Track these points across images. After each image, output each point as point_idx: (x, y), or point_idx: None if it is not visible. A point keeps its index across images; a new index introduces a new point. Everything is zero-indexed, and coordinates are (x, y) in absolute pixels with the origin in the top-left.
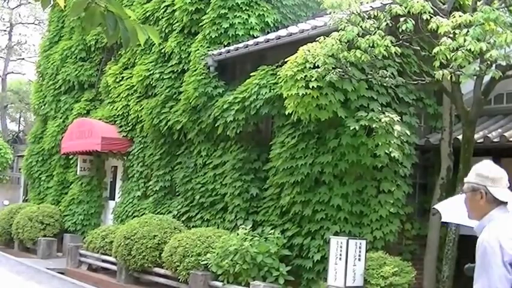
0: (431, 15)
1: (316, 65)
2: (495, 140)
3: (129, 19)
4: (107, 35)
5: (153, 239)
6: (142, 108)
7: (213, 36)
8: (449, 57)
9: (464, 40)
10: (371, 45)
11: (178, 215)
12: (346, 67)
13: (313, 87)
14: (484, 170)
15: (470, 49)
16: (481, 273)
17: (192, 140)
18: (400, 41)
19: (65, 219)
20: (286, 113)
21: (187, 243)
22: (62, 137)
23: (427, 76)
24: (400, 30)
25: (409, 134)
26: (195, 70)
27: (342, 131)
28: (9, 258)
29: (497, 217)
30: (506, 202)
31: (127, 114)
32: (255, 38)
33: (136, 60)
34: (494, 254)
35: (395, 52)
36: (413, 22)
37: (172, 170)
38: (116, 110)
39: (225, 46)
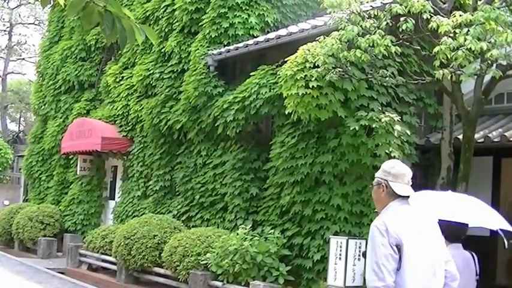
0: (432, 15)
1: (316, 64)
2: (496, 139)
3: (127, 19)
4: (104, 34)
5: (153, 239)
6: (142, 108)
7: (213, 36)
8: (449, 57)
9: (465, 39)
10: (371, 44)
11: (178, 215)
12: (346, 67)
13: (313, 86)
14: (388, 167)
15: (470, 48)
16: (371, 253)
17: (192, 139)
18: (401, 41)
19: (65, 219)
20: (286, 112)
21: (187, 243)
22: (62, 137)
23: (428, 76)
24: (400, 29)
25: (409, 133)
26: (195, 70)
27: (342, 130)
28: (10, 258)
29: (393, 207)
30: (407, 196)
31: (127, 114)
32: (255, 37)
33: (136, 60)
34: (381, 236)
35: (395, 52)
36: (414, 21)
37: (172, 169)
38: (116, 109)
39: (225, 46)
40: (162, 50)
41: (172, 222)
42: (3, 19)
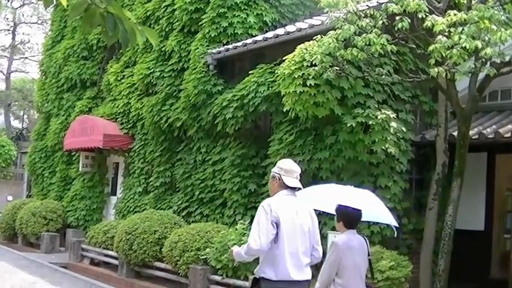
0: (427, 14)
1: (313, 63)
2: (490, 136)
3: (128, 20)
4: (106, 36)
5: (153, 234)
6: (143, 106)
7: (212, 35)
8: (444, 55)
9: (459, 38)
10: (367, 43)
11: (178, 211)
12: (343, 65)
13: (310, 85)
14: (282, 164)
15: (465, 47)
16: (255, 225)
17: (191, 136)
18: (396, 39)
19: (67, 214)
20: (284, 110)
21: (187, 238)
22: (65, 134)
23: (423, 74)
24: (396, 28)
25: (405, 130)
26: (195, 68)
27: (339, 127)
28: (13, 253)
29: (281, 195)
30: (295, 188)
31: (128, 111)
32: (254, 36)
33: (137, 59)
34: (265, 213)
35: (391, 50)
36: (409, 21)
37: (172, 166)
38: (117, 107)
39: (224, 45)
40: (163, 49)
41: (173, 218)
42: (7, 18)
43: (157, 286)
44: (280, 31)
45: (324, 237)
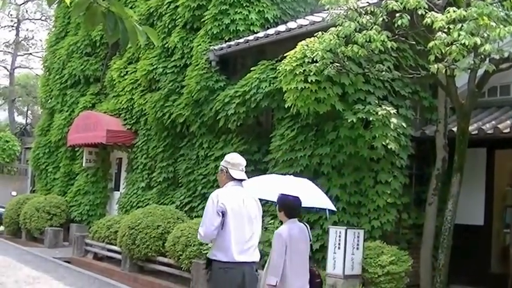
0: (426, 11)
1: (314, 59)
2: (489, 131)
3: (129, 19)
4: (107, 35)
5: (156, 229)
6: (146, 102)
7: (214, 32)
8: (444, 52)
9: (459, 35)
10: (368, 40)
11: (181, 206)
12: (344, 61)
13: (311, 81)
14: (228, 158)
15: (464, 43)
16: (204, 214)
17: (194, 132)
18: (396, 36)
19: (71, 209)
20: (286, 106)
21: (189, 233)
22: (68, 130)
23: (423, 70)
24: (396, 25)
25: (405, 126)
26: (197, 65)
27: (339, 123)
28: (17, 248)
29: (229, 186)
30: (241, 180)
31: (131, 107)
32: (255, 33)
33: (140, 55)
34: (212, 203)
35: (391, 47)
36: (409, 17)
37: (175, 161)
38: (120, 103)
39: (226, 41)
40: (166, 46)
41: (176, 213)
42: (11, 15)
43: (160, 281)
44: (281, 28)
45: (326, 232)
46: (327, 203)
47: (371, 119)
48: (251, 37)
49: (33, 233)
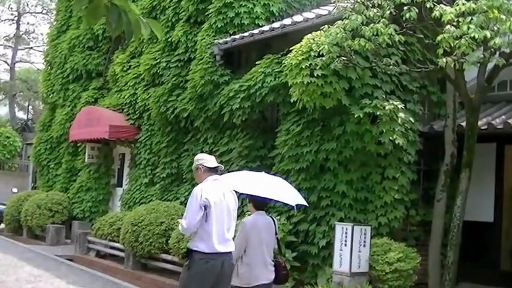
0: (435, 4)
1: (320, 53)
2: (499, 126)
3: (132, 12)
4: (110, 28)
5: (160, 226)
6: (150, 97)
7: (219, 26)
8: (452, 45)
9: (468, 28)
10: (375, 33)
11: (185, 202)
12: (351, 55)
13: (317, 75)
14: (199, 156)
15: (473, 37)
16: (188, 207)
17: (198, 127)
18: (404, 29)
19: (73, 206)
20: (292, 100)
21: None
22: (70, 125)
23: (431, 64)
24: (404, 18)
25: (413, 121)
26: (202, 59)
27: (346, 118)
28: (18, 245)
29: (208, 180)
30: (215, 168)
31: (134, 102)
32: (260, 27)
33: (143, 49)
34: (196, 197)
35: (399, 40)
36: (417, 10)
37: (179, 157)
38: (123, 98)
39: (230, 35)
40: (169, 40)
41: (180, 209)
42: (11, 8)
43: (164, 278)
44: (287, 21)
45: (332, 228)
46: (298, 199)
47: (378, 113)
48: (256, 31)
49: (35, 230)
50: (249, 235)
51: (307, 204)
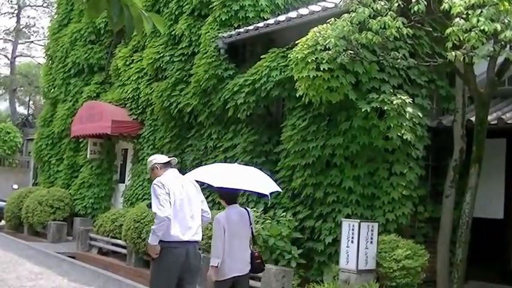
0: None
1: (327, 47)
2: (509, 121)
3: (134, 6)
4: (111, 22)
5: None
6: (153, 91)
7: (223, 19)
8: (462, 38)
9: (478, 21)
10: (382, 26)
11: None
12: (358, 49)
13: (324, 69)
14: (151, 158)
15: (483, 30)
16: (154, 199)
17: (202, 122)
18: (412, 22)
19: (75, 202)
20: (297, 95)
21: None
22: (72, 120)
23: (440, 57)
24: (412, 11)
25: (421, 116)
26: (206, 53)
27: (353, 113)
28: (19, 243)
29: (165, 173)
30: (168, 162)
31: (137, 97)
32: (266, 20)
33: (146, 43)
34: (160, 188)
35: (407, 33)
36: (426, 3)
37: (182, 152)
38: (126, 92)
39: (235, 28)
40: (172, 33)
41: None
42: (11, 1)
43: None
44: (292, 14)
45: (338, 225)
46: (272, 187)
47: (386, 108)
48: (261, 24)
49: (36, 227)
50: (225, 229)
51: (280, 190)
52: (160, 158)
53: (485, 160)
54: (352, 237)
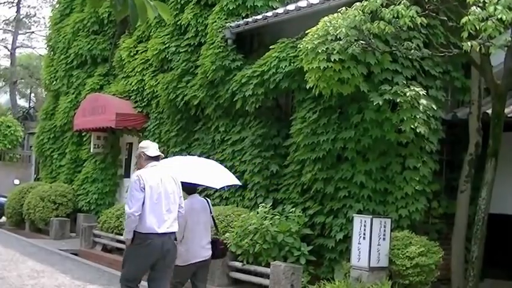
0: None
1: (338, 37)
2: None
3: None
4: (115, 10)
5: None
6: (158, 83)
7: (230, 8)
8: (478, 28)
9: (495, 9)
10: (395, 16)
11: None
12: (370, 39)
13: (335, 60)
14: (142, 144)
15: (501, 18)
16: (129, 193)
17: (209, 115)
18: (426, 11)
19: (78, 198)
20: (307, 87)
21: None
22: (75, 114)
23: (455, 48)
24: None
25: (435, 108)
26: (213, 43)
27: (365, 105)
28: (20, 240)
29: (148, 167)
30: (156, 157)
31: (142, 89)
32: (275, 9)
33: (151, 33)
34: (135, 182)
35: (421, 23)
36: None
37: (189, 146)
38: (130, 85)
39: (243, 18)
40: (178, 23)
41: None
42: None
43: None
44: (302, 3)
45: (350, 221)
46: (228, 181)
47: (398, 100)
48: (270, 13)
49: (38, 224)
50: (188, 217)
51: (240, 183)
52: (150, 150)
53: (502, 154)
54: (364, 234)
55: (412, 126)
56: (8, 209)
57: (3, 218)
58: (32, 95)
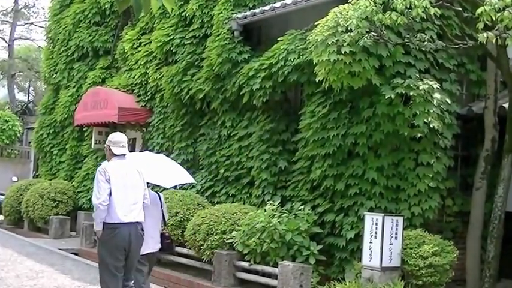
0: None
1: (348, 28)
2: None
3: None
4: (117, 1)
5: (174, 216)
6: (162, 76)
7: None
8: (494, 19)
9: None
10: (408, 6)
11: (201, 190)
12: (381, 31)
13: (345, 52)
14: (110, 137)
15: None
16: (95, 185)
17: (215, 109)
18: (440, 2)
19: (78, 195)
20: (317, 80)
21: (211, 221)
22: (75, 108)
23: (470, 39)
24: None
25: (449, 102)
26: (219, 35)
27: (376, 99)
28: (19, 239)
29: (113, 161)
30: (122, 155)
31: (145, 82)
32: (283, 0)
33: (155, 25)
34: (100, 175)
35: (434, 14)
36: None
37: (195, 142)
38: (133, 78)
39: (250, 9)
40: (183, 14)
41: (196, 198)
42: None
43: (178, 274)
44: None
45: (361, 219)
46: (179, 180)
47: (411, 94)
48: (278, 4)
49: (37, 222)
50: None
51: (195, 182)
52: (115, 148)
53: None
54: (376, 232)
55: (426, 121)
56: (5, 207)
57: (1, 217)
58: (31, 88)
